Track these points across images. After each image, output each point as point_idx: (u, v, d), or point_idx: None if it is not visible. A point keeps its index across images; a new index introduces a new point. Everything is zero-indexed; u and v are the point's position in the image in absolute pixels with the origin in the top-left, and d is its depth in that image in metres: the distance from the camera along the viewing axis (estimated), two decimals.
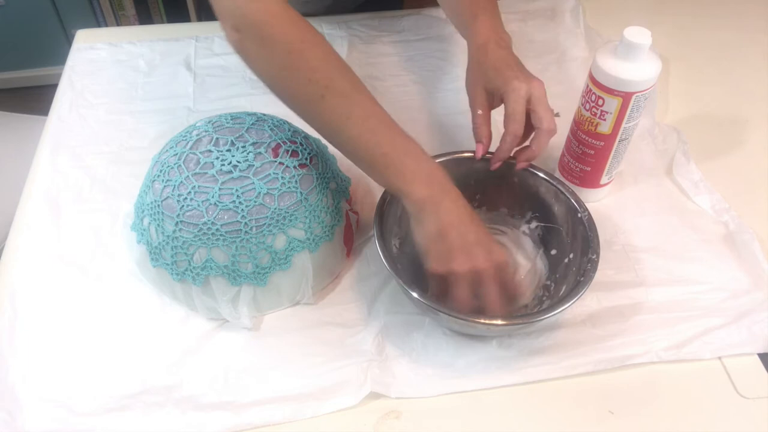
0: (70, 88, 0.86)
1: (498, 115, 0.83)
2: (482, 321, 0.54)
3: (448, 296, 0.56)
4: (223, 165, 0.59)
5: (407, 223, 0.58)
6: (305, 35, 0.55)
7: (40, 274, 0.65)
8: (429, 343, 0.60)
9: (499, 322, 0.55)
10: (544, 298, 0.62)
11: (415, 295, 0.54)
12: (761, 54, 0.96)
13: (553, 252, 0.63)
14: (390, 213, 0.61)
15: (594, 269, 0.56)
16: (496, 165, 0.63)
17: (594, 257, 0.57)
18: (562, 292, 0.59)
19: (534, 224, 0.66)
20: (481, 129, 0.64)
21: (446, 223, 0.54)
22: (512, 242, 0.67)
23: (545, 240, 0.65)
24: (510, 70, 0.62)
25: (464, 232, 0.54)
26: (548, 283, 0.63)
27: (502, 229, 0.68)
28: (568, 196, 0.62)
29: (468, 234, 0.54)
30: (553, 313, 0.54)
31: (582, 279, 0.56)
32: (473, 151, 0.65)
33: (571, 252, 0.60)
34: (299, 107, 0.57)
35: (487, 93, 0.64)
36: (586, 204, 0.62)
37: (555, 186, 0.63)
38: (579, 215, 0.61)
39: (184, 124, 0.79)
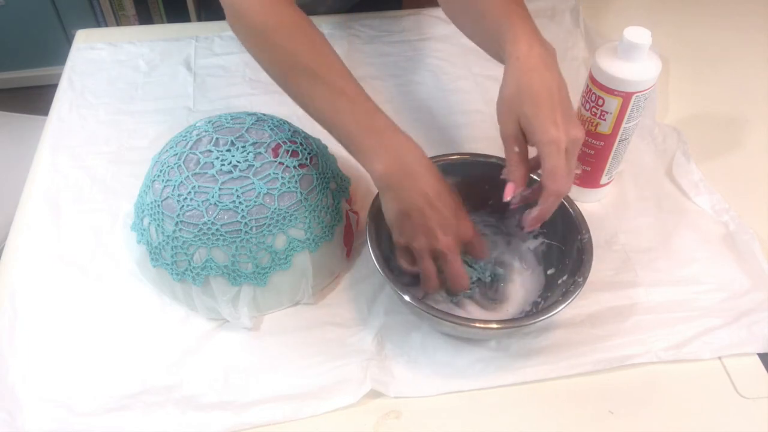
0: (70, 88, 0.86)
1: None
2: (476, 325, 0.54)
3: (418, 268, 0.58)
4: (223, 165, 0.59)
5: None
6: (273, 17, 0.57)
7: (40, 274, 0.65)
8: (428, 342, 0.60)
9: (494, 326, 0.55)
10: (532, 312, 0.61)
11: (407, 298, 0.54)
12: (761, 54, 0.96)
13: (551, 271, 0.62)
14: (384, 215, 0.61)
15: (575, 291, 0.55)
16: (532, 227, 0.56)
17: (580, 280, 0.55)
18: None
19: (540, 240, 0.65)
20: (517, 170, 0.56)
21: (408, 204, 0.55)
22: (515, 257, 0.67)
23: (547, 257, 0.64)
24: (551, 109, 0.52)
25: (427, 215, 0.55)
26: (538, 299, 0.62)
27: (509, 241, 0.67)
28: (575, 217, 0.60)
29: (431, 217, 0.55)
30: (546, 316, 0.54)
31: (561, 298, 0.55)
32: (483, 155, 0.65)
33: (566, 273, 0.59)
34: (282, 87, 0.60)
35: (521, 127, 0.54)
36: (588, 206, 0.61)
37: (564, 203, 0.61)
38: (579, 237, 0.59)
39: (184, 124, 0.78)
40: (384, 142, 0.56)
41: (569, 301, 0.54)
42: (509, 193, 0.56)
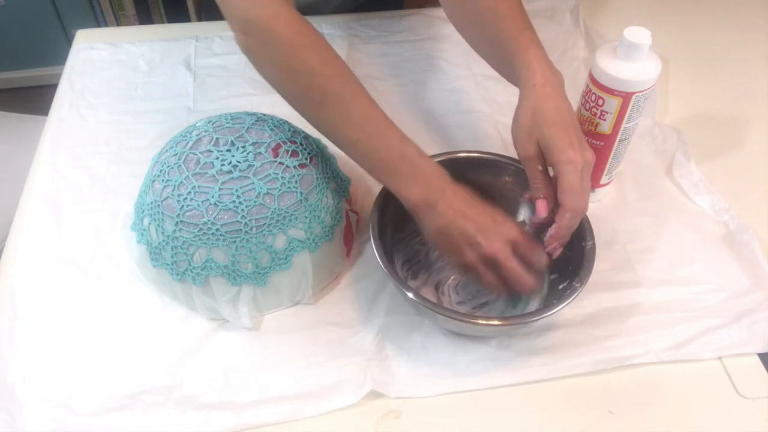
0: (70, 88, 0.86)
1: (499, 115, 0.83)
2: (479, 321, 0.54)
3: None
4: (223, 165, 0.59)
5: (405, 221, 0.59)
6: (307, 39, 0.56)
7: (40, 274, 0.65)
8: (428, 342, 0.60)
9: (496, 322, 0.56)
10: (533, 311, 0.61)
11: (410, 295, 0.54)
12: (761, 54, 0.96)
13: (553, 276, 0.62)
14: (388, 212, 0.61)
15: (571, 295, 0.55)
16: (553, 246, 0.57)
17: (577, 285, 0.55)
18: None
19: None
20: (545, 187, 0.58)
21: (444, 222, 0.56)
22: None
23: (553, 263, 0.62)
24: (567, 132, 0.55)
25: (463, 226, 0.55)
26: (541, 305, 0.61)
27: None
28: (582, 222, 0.59)
29: (467, 227, 0.55)
30: (547, 314, 0.55)
31: (556, 301, 0.55)
32: (491, 153, 0.66)
33: (568, 279, 0.59)
34: (300, 109, 0.59)
35: (540, 148, 0.57)
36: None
37: None
38: (583, 244, 0.59)
39: (184, 124, 0.78)
40: (416, 169, 0.57)
41: (568, 301, 0.54)
42: (544, 209, 0.58)
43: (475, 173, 0.65)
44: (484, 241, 0.55)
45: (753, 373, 0.59)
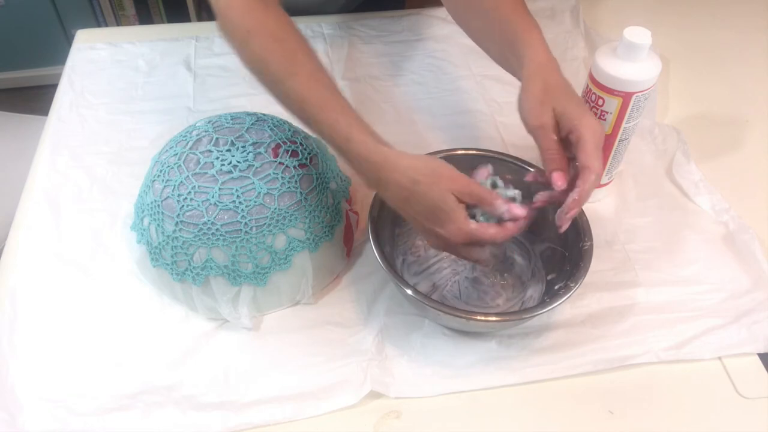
0: (70, 88, 0.86)
1: (499, 116, 0.83)
2: (478, 318, 0.55)
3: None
4: (223, 165, 0.59)
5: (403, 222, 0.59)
6: (254, 24, 0.57)
7: (40, 274, 0.65)
8: (428, 343, 0.60)
9: (493, 318, 0.56)
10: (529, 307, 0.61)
11: (409, 292, 0.55)
12: (761, 54, 0.96)
13: (551, 277, 0.62)
14: (387, 208, 0.61)
15: (565, 294, 0.55)
16: (573, 213, 0.53)
17: (572, 285, 0.55)
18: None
19: (546, 244, 0.64)
20: (560, 157, 0.55)
21: (393, 202, 0.55)
22: (523, 259, 0.67)
23: (551, 262, 0.63)
24: (580, 100, 0.56)
25: (410, 207, 0.54)
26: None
27: (518, 242, 0.67)
28: (581, 224, 0.60)
29: (418, 210, 0.53)
30: (542, 311, 0.55)
31: (548, 299, 0.55)
32: (496, 152, 0.65)
33: (565, 279, 0.58)
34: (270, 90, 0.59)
35: (555, 115, 0.55)
36: (588, 205, 0.60)
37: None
38: (581, 244, 0.59)
39: (184, 124, 0.78)
40: (396, 154, 0.55)
41: (565, 298, 0.55)
42: (562, 180, 0.54)
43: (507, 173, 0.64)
44: (441, 230, 0.53)
45: (753, 373, 0.59)
